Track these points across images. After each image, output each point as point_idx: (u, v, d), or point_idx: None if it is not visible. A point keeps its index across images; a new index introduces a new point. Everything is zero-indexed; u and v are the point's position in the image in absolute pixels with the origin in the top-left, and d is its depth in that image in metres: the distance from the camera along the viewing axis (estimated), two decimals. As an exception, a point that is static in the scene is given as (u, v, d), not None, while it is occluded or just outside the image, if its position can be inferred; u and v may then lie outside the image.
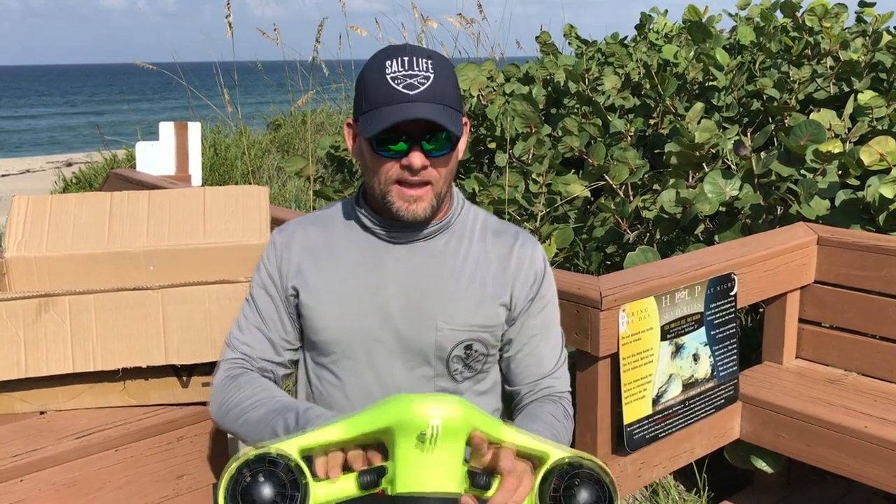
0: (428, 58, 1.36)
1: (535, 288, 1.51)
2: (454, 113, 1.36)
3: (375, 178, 1.40)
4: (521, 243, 1.51)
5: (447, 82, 1.37)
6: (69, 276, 1.88)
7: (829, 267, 2.93)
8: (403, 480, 1.12)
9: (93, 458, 1.76)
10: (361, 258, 1.48)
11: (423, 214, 1.40)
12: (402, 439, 1.14)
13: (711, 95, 4.93)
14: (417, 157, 1.35)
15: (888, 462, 2.45)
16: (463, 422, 1.15)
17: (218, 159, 7.93)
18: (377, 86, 1.34)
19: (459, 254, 1.48)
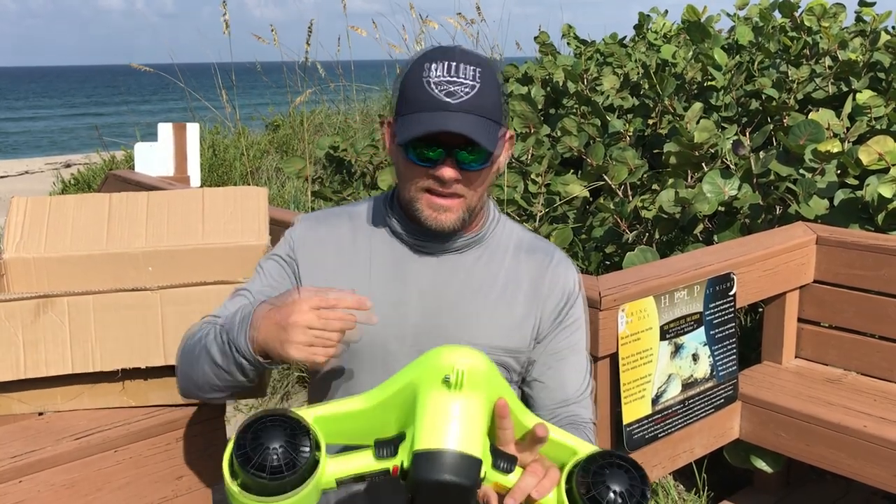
0: (475, 65, 1.28)
1: (563, 310, 1.44)
2: (493, 126, 1.29)
3: (406, 183, 1.34)
4: (555, 263, 1.44)
5: (491, 92, 1.29)
6: (68, 277, 1.88)
7: (828, 266, 2.93)
8: (424, 437, 1.06)
9: (92, 459, 1.75)
10: (385, 266, 1.40)
11: (450, 226, 1.33)
12: (426, 391, 1.09)
13: (710, 95, 4.93)
14: (448, 171, 1.28)
15: (887, 461, 2.45)
16: (488, 376, 1.10)
17: (217, 160, 7.93)
18: (417, 89, 1.27)
19: (489, 271, 1.41)
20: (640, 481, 1.08)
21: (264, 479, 1.04)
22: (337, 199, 5.20)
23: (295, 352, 1.22)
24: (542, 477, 1.11)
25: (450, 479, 1.03)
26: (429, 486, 1.04)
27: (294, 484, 1.06)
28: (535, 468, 1.12)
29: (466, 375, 1.07)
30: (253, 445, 1.05)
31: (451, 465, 1.04)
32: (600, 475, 1.08)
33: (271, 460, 1.04)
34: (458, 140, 1.26)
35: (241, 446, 1.05)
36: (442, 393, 1.08)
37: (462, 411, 1.07)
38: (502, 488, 1.11)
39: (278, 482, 1.04)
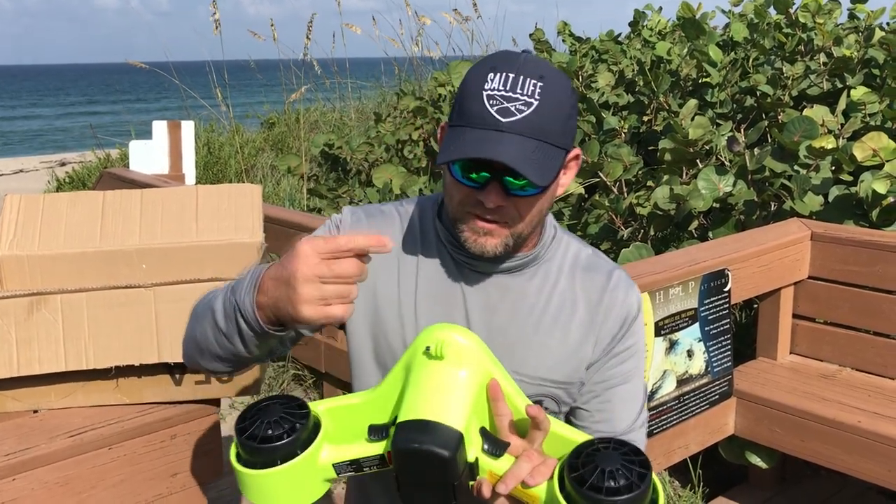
0: (538, 78, 1.13)
1: (619, 336, 1.29)
2: (550, 150, 1.14)
3: (451, 201, 1.21)
4: (613, 285, 1.29)
5: (553, 110, 1.14)
6: (61, 274, 1.87)
7: (822, 262, 2.93)
8: (405, 408, 1.04)
9: (86, 457, 1.75)
10: (432, 281, 1.28)
11: (492, 252, 1.19)
12: (413, 366, 1.07)
13: (705, 92, 4.93)
14: (492, 198, 1.14)
15: (882, 457, 2.45)
16: (472, 351, 1.07)
17: (211, 158, 7.91)
18: (472, 98, 1.14)
19: (543, 294, 1.28)
20: (637, 464, 1.00)
21: (254, 447, 1.04)
22: (332, 197, 5.20)
23: (308, 310, 1.04)
24: (539, 464, 1.05)
25: (424, 448, 0.99)
26: (404, 457, 1.01)
27: (285, 455, 1.05)
28: (530, 454, 1.06)
29: (445, 346, 1.05)
30: (251, 420, 1.06)
31: (426, 433, 1.00)
32: (591, 456, 1.01)
33: (264, 431, 1.05)
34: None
35: (242, 420, 1.07)
36: (424, 364, 1.07)
37: (441, 381, 1.05)
38: (496, 478, 1.07)
39: (268, 451, 1.05)
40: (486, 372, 1.08)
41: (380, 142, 5.90)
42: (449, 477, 1.02)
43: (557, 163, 1.16)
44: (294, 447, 1.06)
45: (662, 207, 3.68)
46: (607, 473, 0.98)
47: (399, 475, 1.04)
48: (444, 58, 8.62)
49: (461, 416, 1.03)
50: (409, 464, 1.02)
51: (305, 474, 1.08)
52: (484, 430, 1.09)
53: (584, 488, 0.97)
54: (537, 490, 1.04)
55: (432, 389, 1.05)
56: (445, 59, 8.43)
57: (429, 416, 1.02)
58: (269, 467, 1.06)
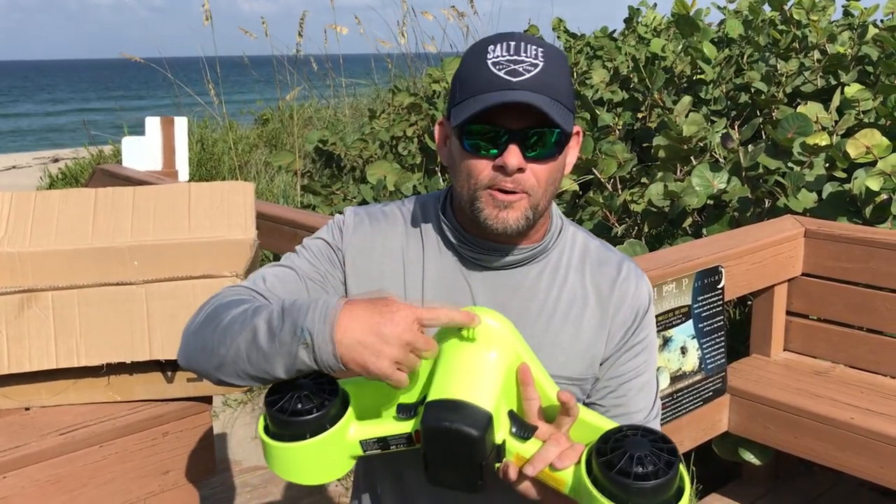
0: (538, 45, 1.15)
1: (632, 329, 1.28)
2: (565, 110, 1.13)
3: (465, 180, 1.17)
4: (623, 277, 1.27)
5: (560, 75, 1.14)
6: (53, 271, 1.86)
7: (816, 259, 2.94)
8: (434, 389, 1.05)
9: (77, 455, 1.75)
10: (439, 279, 1.25)
11: (514, 226, 1.15)
12: (444, 347, 1.09)
13: (699, 89, 4.93)
14: (514, 156, 1.11)
15: (874, 453, 2.46)
16: (505, 335, 1.08)
17: (205, 154, 7.89)
18: (475, 72, 1.14)
19: (553, 289, 1.25)
20: (664, 451, 1.00)
21: (283, 420, 1.06)
22: (326, 194, 5.19)
23: (387, 368, 1.04)
24: (567, 448, 1.05)
25: (454, 427, 1.00)
26: (434, 435, 1.02)
27: (314, 430, 1.06)
28: (558, 438, 1.06)
29: (480, 329, 1.07)
30: (282, 392, 1.08)
31: (456, 413, 1.01)
32: (619, 442, 1.02)
33: (295, 405, 1.06)
34: (523, 123, 1.12)
35: (272, 392, 1.08)
36: (455, 345, 1.08)
37: (472, 363, 1.06)
38: (523, 461, 1.07)
39: (297, 424, 1.06)
40: (517, 356, 1.09)
41: (374, 138, 5.90)
42: (477, 457, 1.02)
43: (571, 121, 1.15)
44: (323, 422, 1.07)
45: (656, 204, 3.68)
46: (636, 459, 0.98)
47: (427, 454, 1.05)
48: (440, 53, 8.61)
49: (491, 397, 1.04)
50: (438, 442, 1.03)
51: (332, 450, 1.09)
52: (512, 412, 1.09)
53: (612, 472, 0.98)
54: (564, 474, 1.05)
55: (463, 370, 1.05)
56: (441, 54, 8.43)
57: (459, 395, 1.03)
58: (298, 440, 1.07)
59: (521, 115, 1.11)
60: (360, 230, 1.28)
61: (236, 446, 3.58)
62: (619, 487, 0.97)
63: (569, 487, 1.05)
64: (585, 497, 1.02)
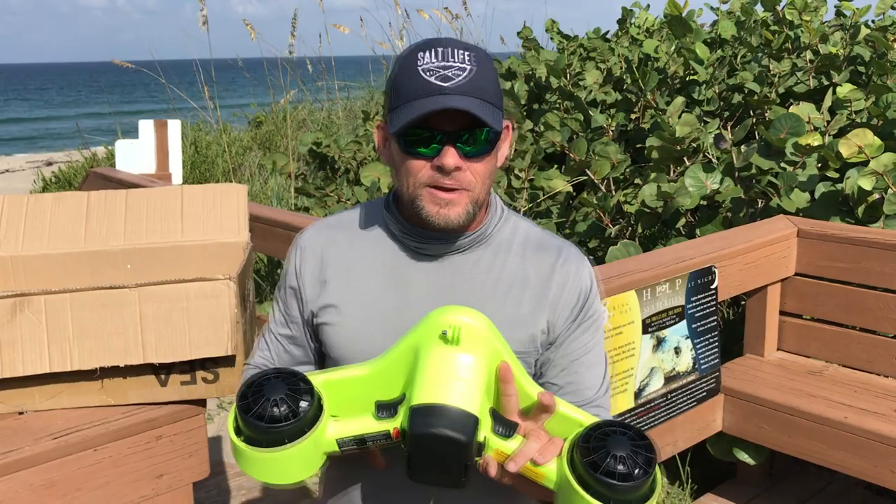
0: (466, 50, 1.22)
1: (577, 310, 1.33)
2: (494, 110, 1.21)
3: (405, 180, 1.24)
4: (563, 260, 1.34)
5: (488, 76, 1.22)
6: (45, 275, 1.85)
7: (809, 259, 2.95)
8: (420, 392, 1.05)
9: (71, 459, 1.74)
10: (386, 271, 1.32)
11: (456, 221, 1.23)
12: (425, 348, 1.09)
13: (692, 89, 4.94)
14: (450, 157, 1.19)
15: (868, 452, 2.46)
16: (487, 336, 1.10)
17: (199, 157, 7.88)
18: (408, 79, 1.20)
19: (493, 270, 1.32)
20: (644, 449, 1.05)
21: (262, 428, 1.05)
22: (320, 196, 5.18)
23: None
24: (546, 442, 1.10)
25: (443, 433, 1.02)
26: (423, 440, 1.03)
27: (292, 435, 1.07)
28: (539, 434, 1.11)
29: (463, 331, 1.08)
30: (255, 397, 1.07)
31: (445, 418, 1.03)
32: (601, 441, 1.05)
33: (270, 410, 1.06)
34: (457, 125, 1.19)
35: (244, 397, 1.08)
36: (439, 348, 1.08)
37: (458, 367, 1.07)
38: (504, 457, 1.09)
39: (276, 432, 1.06)
40: (498, 355, 1.11)
41: (368, 140, 5.89)
42: (463, 458, 1.04)
43: (500, 119, 1.23)
44: (302, 426, 1.07)
45: (650, 205, 3.69)
46: (618, 459, 1.03)
47: (413, 456, 1.06)
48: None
49: (477, 399, 1.06)
50: (425, 446, 1.04)
51: (309, 451, 1.09)
52: (494, 410, 1.11)
53: (598, 473, 1.03)
54: (545, 469, 1.08)
55: (449, 374, 1.07)
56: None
57: (446, 400, 1.04)
58: (276, 446, 1.07)
59: (454, 117, 1.18)
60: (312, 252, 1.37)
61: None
62: (604, 486, 1.02)
63: (551, 482, 1.09)
64: (569, 493, 1.05)
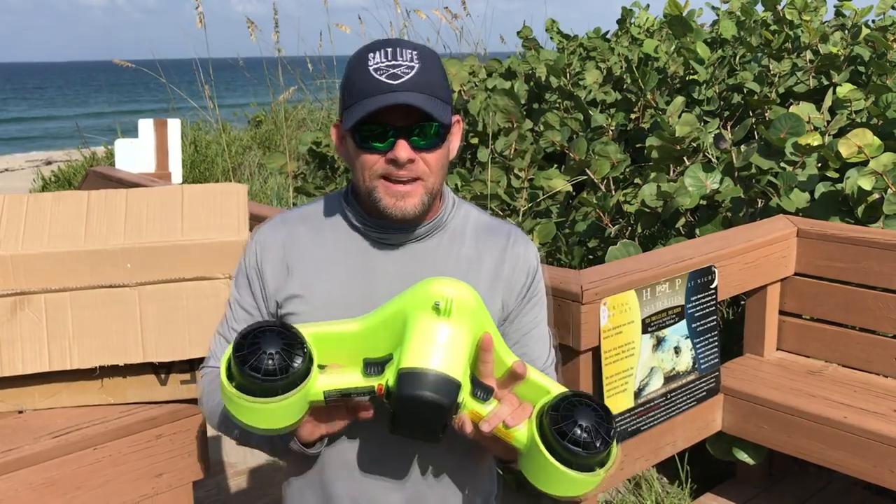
0: (413, 49, 1.30)
1: (526, 286, 1.44)
2: (442, 104, 1.29)
3: (361, 174, 1.32)
4: (513, 242, 1.44)
5: (434, 73, 1.30)
6: (45, 274, 1.86)
7: (808, 259, 2.95)
8: (410, 357, 1.14)
9: (71, 458, 1.74)
10: (350, 262, 1.38)
11: (412, 211, 1.31)
12: (415, 315, 1.17)
13: (692, 89, 4.94)
14: (403, 150, 1.27)
15: (868, 452, 2.46)
16: (475, 310, 1.18)
17: (198, 156, 7.88)
18: (360, 79, 1.28)
19: (452, 255, 1.40)
20: (605, 419, 1.16)
21: (258, 379, 1.12)
22: (319, 195, 5.18)
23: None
24: (517, 407, 1.21)
25: (429, 396, 1.12)
26: (409, 402, 1.12)
27: (285, 388, 1.14)
28: (510, 399, 1.22)
29: (455, 303, 1.16)
30: (251, 349, 1.13)
31: (431, 383, 1.12)
32: (569, 410, 1.16)
33: (267, 364, 1.12)
34: (407, 119, 1.27)
35: (239, 348, 1.14)
36: (431, 318, 1.17)
37: (447, 336, 1.16)
38: (477, 417, 1.19)
39: (270, 384, 1.13)
40: (482, 327, 1.20)
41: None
42: (444, 418, 1.15)
43: (449, 112, 1.31)
44: (294, 380, 1.15)
45: (650, 205, 3.69)
46: (584, 429, 1.15)
47: (398, 415, 1.15)
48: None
49: (460, 367, 1.16)
50: (410, 407, 1.13)
51: (298, 402, 1.17)
52: (473, 377, 1.22)
53: (564, 440, 1.14)
54: (514, 430, 1.20)
55: (438, 343, 1.15)
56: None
57: (434, 366, 1.13)
58: (269, 396, 1.14)
59: (404, 112, 1.26)
60: (269, 243, 1.43)
61: (230, 448, 3.58)
62: (570, 453, 1.14)
63: (520, 443, 1.20)
64: (536, 455, 1.17)
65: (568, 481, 1.16)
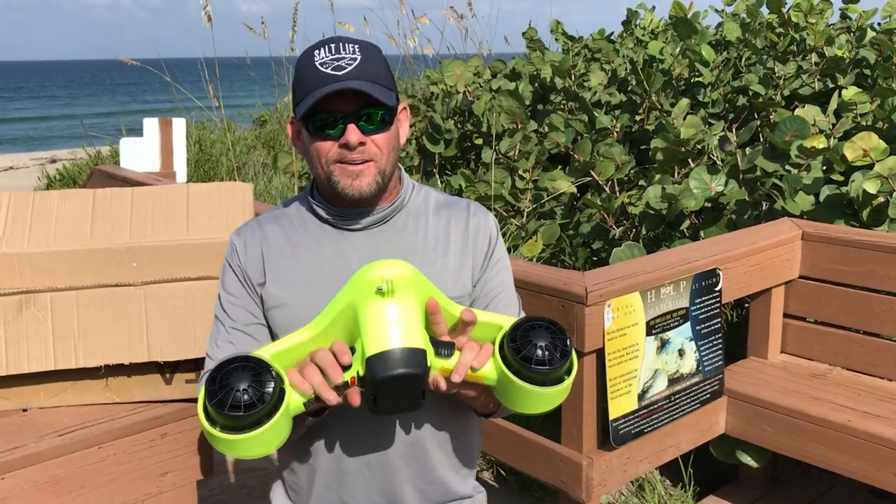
0: (355, 43, 1.40)
1: (489, 251, 1.54)
2: (386, 90, 1.39)
3: (318, 162, 1.41)
4: (473, 213, 1.54)
5: (376, 63, 1.40)
6: (51, 272, 1.86)
7: (813, 262, 2.94)
8: (372, 343, 1.21)
9: (75, 456, 1.74)
10: (323, 250, 1.47)
11: (368, 190, 1.40)
12: (363, 304, 1.24)
13: (697, 91, 4.94)
14: (353, 133, 1.36)
15: (871, 455, 2.46)
16: (413, 278, 1.25)
17: (203, 155, 7.89)
18: (308, 73, 1.38)
19: (419, 232, 1.50)
20: (560, 333, 1.27)
21: (240, 416, 1.18)
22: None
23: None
24: (478, 351, 1.30)
25: (403, 371, 1.19)
26: (386, 382, 1.19)
27: (268, 414, 1.20)
28: (471, 345, 1.31)
29: (395, 282, 1.23)
30: (224, 392, 1.18)
31: (400, 359, 1.20)
32: (526, 336, 1.26)
33: (243, 399, 1.18)
34: (355, 106, 1.36)
35: (212, 394, 1.19)
36: (377, 302, 1.24)
37: (398, 313, 1.23)
38: (447, 373, 1.28)
39: (253, 415, 1.18)
40: (424, 292, 1.28)
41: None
42: (421, 386, 1.23)
43: (394, 97, 1.41)
44: (273, 402, 1.21)
45: (654, 207, 3.69)
46: (543, 348, 1.25)
47: (378, 397, 1.22)
48: (437, 55, 8.61)
49: (419, 335, 1.24)
50: (388, 386, 1.20)
51: (282, 421, 1.23)
52: (432, 338, 1.29)
53: (530, 364, 1.25)
54: (482, 371, 1.29)
55: (391, 321, 1.23)
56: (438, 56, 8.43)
57: (395, 343, 1.21)
58: (256, 428, 1.20)
59: (351, 99, 1.36)
60: (246, 247, 1.50)
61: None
62: (536, 373, 1.25)
63: (492, 380, 1.30)
64: (507, 385, 1.27)
65: (543, 397, 1.28)
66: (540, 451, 2.49)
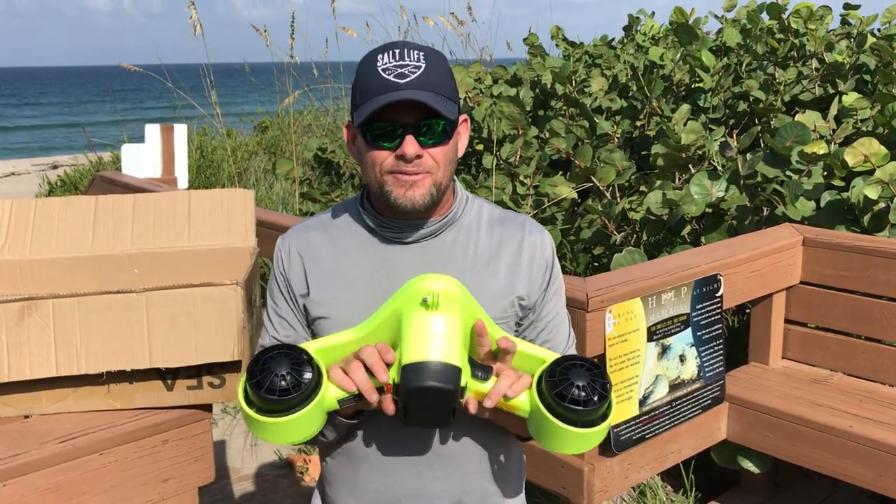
0: (419, 50, 1.36)
1: (547, 276, 1.50)
2: (448, 102, 1.35)
3: (372, 170, 1.37)
4: (528, 231, 1.50)
5: (440, 72, 1.36)
6: (53, 279, 1.86)
7: (814, 268, 2.94)
8: (410, 352, 1.22)
9: (77, 463, 1.74)
10: (370, 262, 1.44)
11: (421, 201, 1.36)
12: (408, 314, 1.25)
13: (698, 97, 4.95)
14: (411, 145, 1.32)
15: (873, 461, 2.46)
16: (461, 297, 1.26)
17: (204, 161, 7.90)
18: (369, 79, 1.34)
19: (469, 248, 1.46)
20: (599, 377, 1.25)
21: (275, 399, 1.21)
22: (325, 201, 5.20)
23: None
24: (515, 380, 1.28)
25: (434, 384, 1.19)
26: (417, 393, 1.20)
27: (301, 401, 1.23)
28: (508, 373, 1.29)
29: (441, 296, 1.23)
30: (263, 374, 1.23)
31: (434, 372, 1.20)
32: (565, 374, 1.25)
33: (280, 384, 1.22)
34: (415, 116, 1.32)
35: (252, 375, 1.23)
36: (422, 313, 1.24)
37: (440, 327, 1.23)
38: (481, 396, 1.28)
39: (287, 401, 1.22)
40: (472, 314, 1.28)
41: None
42: (451, 403, 1.22)
43: (455, 110, 1.37)
44: (308, 392, 1.24)
45: (655, 212, 3.69)
46: (581, 388, 1.23)
47: (408, 407, 1.23)
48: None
49: (457, 353, 1.23)
50: (419, 398, 1.21)
51: (315, 413, 1.26)
52: (472, 359, 1.29)
53: (565, 402, 1.23)
54: (516, 401, 1.28)
55: (432, 334, 1.23)
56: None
57: (433, 357, 1.21)
58: (289, 413, 1.23)
59: (412, 110, 1.32)
60: (291, 254, 1.50)
61: (235, 454, 3.58)
62: (571, 412, 1.23)
63: (524, 412, 1.29)
64: (541, 420, 1.26)
65: (574, 438, 1.25)
66: (541, 457, 2.49)
